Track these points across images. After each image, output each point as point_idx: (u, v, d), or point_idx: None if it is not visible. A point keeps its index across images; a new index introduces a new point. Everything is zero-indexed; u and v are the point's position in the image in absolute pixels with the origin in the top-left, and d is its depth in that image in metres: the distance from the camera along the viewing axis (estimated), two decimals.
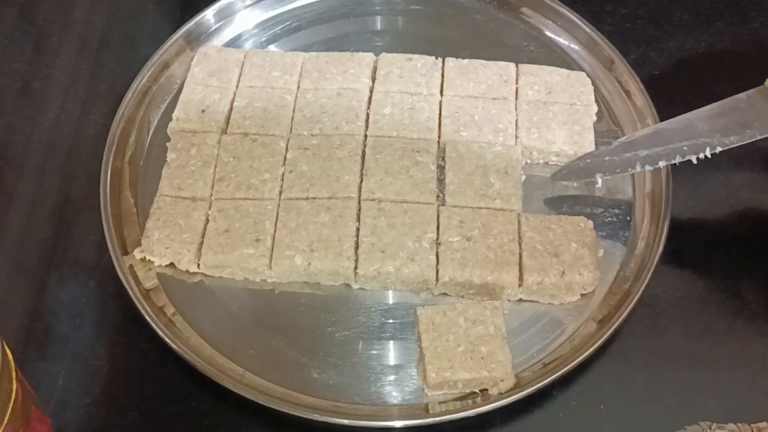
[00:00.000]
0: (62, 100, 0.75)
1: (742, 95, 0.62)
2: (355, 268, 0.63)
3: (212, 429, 0.59)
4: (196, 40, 0.77)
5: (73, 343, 0.62)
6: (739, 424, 0.31)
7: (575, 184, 0.69)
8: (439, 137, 0.70)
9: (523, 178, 0.68)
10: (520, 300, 0.63)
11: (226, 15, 0.79)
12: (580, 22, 0.77)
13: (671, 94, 0.74)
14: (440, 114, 0.71)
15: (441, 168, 0.68)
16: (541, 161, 0.70)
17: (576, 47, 0.77)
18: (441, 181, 0.67)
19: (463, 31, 0.79)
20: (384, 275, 0.63)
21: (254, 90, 0.72)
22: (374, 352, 0.62)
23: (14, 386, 0.46)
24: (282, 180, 0.67)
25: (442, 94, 0.72)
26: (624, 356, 0.62)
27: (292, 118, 0.71)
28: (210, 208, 0.66)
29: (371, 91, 0.72)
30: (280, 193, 0.67)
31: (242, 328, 0.63)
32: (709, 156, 0.61)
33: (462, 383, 0.58)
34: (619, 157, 0.66)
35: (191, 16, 0.77)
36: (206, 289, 0.64)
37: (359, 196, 0.66)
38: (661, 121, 0.68)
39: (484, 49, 0.76)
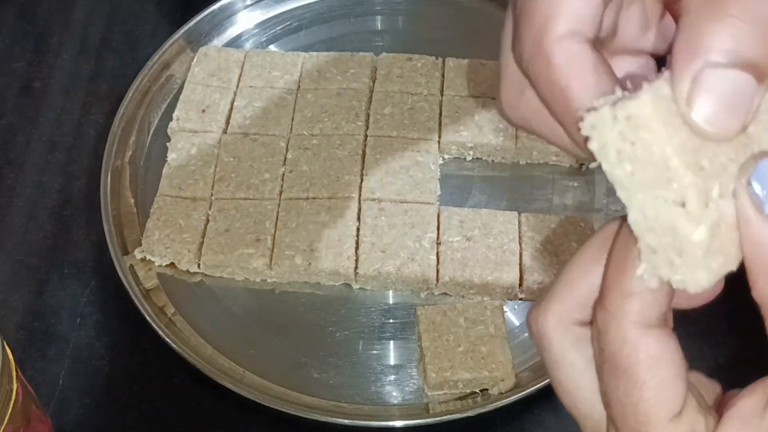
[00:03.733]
0: (62, 100, 0.75)
1: None
2: (356, 268, 0.63)
3: (212, 429, 0.59)
4: (197, 40, 0.77)
5: (73, 343, 0.62)
6: None
7: (575, 184, 0.69)
8: (439, 137, 0.70)
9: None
10: (521, 300, 0.63)
11: (226, 15, 0.79)
12: None
13: None
14: (440, 114, 0.71)
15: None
16: (541, 161, 0.70)
17: None
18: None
19: (463, 31, 0.79)
20: (384, 275, 0.63)
21: (254, 90, 0.72)
22: (374, 352, 0.62)
23: (14, 386, 0.46)
24: (282, 180, 0.67)
25: (442, 94, 0.72)
26: None
27: (292, 118, 0.71)
28: (210, 208, 0.66)
29: (371, 91, 0.72)
30: (281, 192, 0.67)
31: (242, 328, 0.63)
32: None
33: (462, 383, 0.58)
34: None
35: (191, 16, 0.77)
36: (206, 289, 0.64)
37: (359, 195, 0.66)
38: None
39: (484, 49, 0.76)
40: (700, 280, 0.26)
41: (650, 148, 0.25)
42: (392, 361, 0.61)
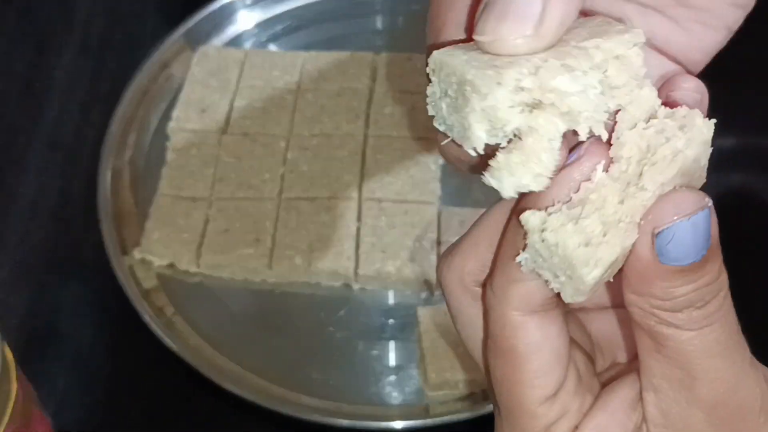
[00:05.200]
0: (63, 101, 0.75)
1: None
2: (356, 268, 0.63)
3: (212, 429, 0.59)
4: (196, 39, 0.77)
5: (73, 343, 0.62)
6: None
7: None
8: None
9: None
10: None
11: (225, 15, 0.79)
12: None
13: None
14: None
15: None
16: None
17: None
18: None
19: None
20: (384, 275, 0.63)
21: (254, 90, 0.72)
22: (374, 352, 0.62)
23: (14, 386, 0.46)
24: (282, 180, 0.67)
25: None
26: None
27: (292, 118, 0.71)
28: (210, 208, 0.66)
29: (371, 91, 0.72)
30: (280, 192, 0.67)
31: (242, 328, 0.63)
32: None
33: (462, 384, 0.58)
34: None
35: (191, 15, 0.77)
36: (206, 289, 0.64)
37: (359, 195, 0.66)
38: None
39: None
40: (578, 298, 0.26)
41: (451, 80, 0.25)
42: (392, 362, 0.61)
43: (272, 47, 0.78)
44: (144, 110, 0.73)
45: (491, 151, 0.26)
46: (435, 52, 0.26)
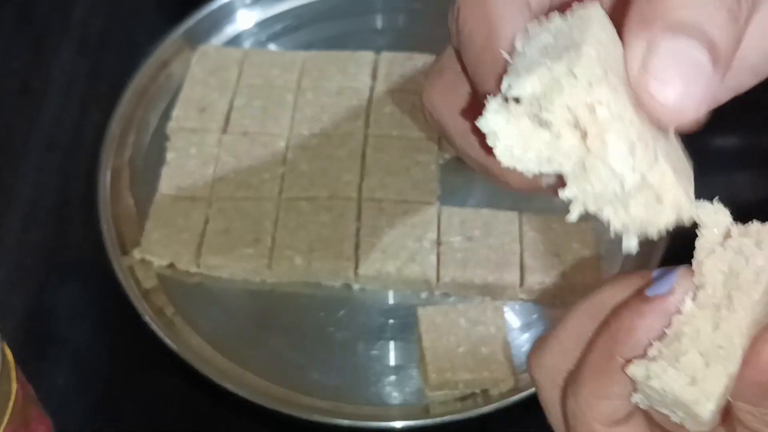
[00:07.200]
0: (61, 100, 0.75)
1: None
2: (356, 268, 0.63)
3: (212, 429, 0.59)
4: (196, 38, 0.76)
5: (73, 343, 0.62)
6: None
7: None
8: (440, 136, 0.70)
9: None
10: (522, 300, 0.63)
11: (225, 14, 0.78)
12: None
13: None
14: None
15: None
16: None
17: None
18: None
19: None
20: (384, 275, 0.63)
21: (254, 89, 0.72)
22: (375, 352, 0.61)
23: (14, 386, 0.46)
24: (282, 179, 0.67)
25: None
26: None
27: (292, 117, 0.71)
28: (209, 208, 0.66)
29: (372, 90, 0.72)
30: (280, 192, 0.66)
31: (242, 329, 0.63)
32: None
33: (463, 384, 0.58)
34: None
35: (190, 14, 0.77)
36: (206, 289, 0.64)
37: (359, 195, 0.66)
38: None
39: None
40: (702, 428, 0.27)
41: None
42: (392, 362, 0.61)
43: (272, 46, 0.78)
44: (143, 110, 0.73)
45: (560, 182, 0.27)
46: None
